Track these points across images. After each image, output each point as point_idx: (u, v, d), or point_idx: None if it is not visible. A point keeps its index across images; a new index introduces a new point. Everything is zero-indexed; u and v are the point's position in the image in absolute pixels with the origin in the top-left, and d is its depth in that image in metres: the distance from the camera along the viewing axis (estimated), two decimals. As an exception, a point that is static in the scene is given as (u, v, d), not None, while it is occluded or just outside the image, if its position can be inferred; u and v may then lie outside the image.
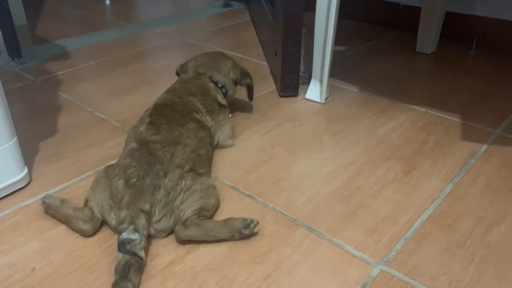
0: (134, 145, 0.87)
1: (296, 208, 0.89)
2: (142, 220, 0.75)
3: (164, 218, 0.79)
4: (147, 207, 0.77)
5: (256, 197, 0.92)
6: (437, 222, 0.85)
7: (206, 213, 0.83)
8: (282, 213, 0.87)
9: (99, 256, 0.77)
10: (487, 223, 0.85)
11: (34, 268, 0.75)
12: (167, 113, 0.96)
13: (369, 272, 0.74)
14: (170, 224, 0.80)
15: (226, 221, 0.81)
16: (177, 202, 0.81)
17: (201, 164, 0.92)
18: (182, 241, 0.80)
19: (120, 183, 0.80)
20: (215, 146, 1.07)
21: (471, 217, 0.86)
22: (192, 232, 0.79)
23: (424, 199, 0.91)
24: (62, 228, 0.83)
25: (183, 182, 0.82)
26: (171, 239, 0.81)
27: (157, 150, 0.85)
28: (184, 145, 0.89)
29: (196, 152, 0.91)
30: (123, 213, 0.76)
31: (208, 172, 0.95)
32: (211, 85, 1.11)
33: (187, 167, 0.86)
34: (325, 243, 0.80)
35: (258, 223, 0.80)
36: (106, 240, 0.81)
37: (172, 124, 0.92)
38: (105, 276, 0.73)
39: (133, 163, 0.82)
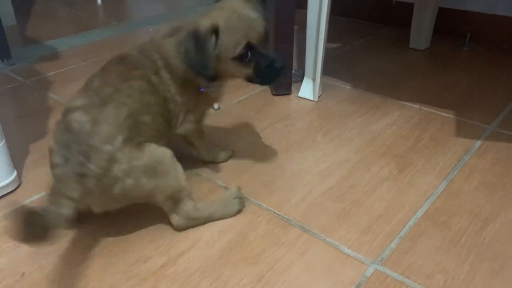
0: (59, 119, 0.74)
1: (290, 207, 0.88)
2: (67, 202, 0.65)
3: (107, 203, 0.72)
4: (75, 195, 0.65)
5: (250, 198, 0.91)
6: (431, 220, 0.84)
7: (175, 196, 0.76)
8: (275, 213, 0.86)
9: (88, 261, 0.76)
10: (482, 219, 0.84)
11: (24, 273, 0.74)
12: (111, 66, 0.80)
13: (364, 272, 0.73)
14: (122, 205, 0.74)
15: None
16: (117, 189, 0.69)
17: (142, 132, 0.74)
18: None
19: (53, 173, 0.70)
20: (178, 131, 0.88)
21: (466, 214, 0.86)
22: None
23: (418, 197, 0.90)
24: (52, 232, 0.82)
25: (116, 168, 0.68)
26: (162, 242, 0.80)
27: (73, 121, 0.69)
28: (118, 105, 0.72)
29: (135, 117, 0.73)
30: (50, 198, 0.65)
31: (155, 140, 0.77)
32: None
33: (120, 138, 0.69)
34: (319, 242, 0.79)
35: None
36: (95, 245, 0.79)
37: (108, 79, 0.75)
38: (94, 281, 0.72)
39: (55, 146, 0.70)
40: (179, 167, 0.78)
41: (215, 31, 0.76)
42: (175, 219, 0.80)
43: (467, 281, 0.71)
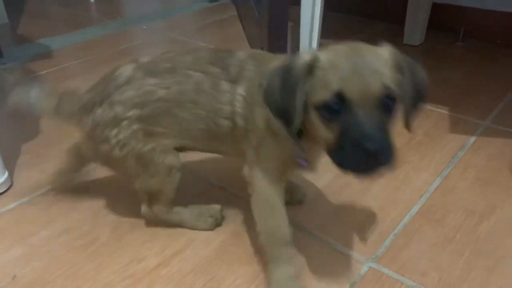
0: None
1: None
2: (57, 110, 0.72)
3: (92, 151, 0.72)
4: (69, 111, 0.71)
5: (245, 198, 0.90)
6: (426, 217, 0.84)
7: (153, 194, 0.75)
8: (270, 211, 0.86)
9: (82, 262, 0.75)
10: (477, 216, 0.84)
11: (15, 276, 0.73)
12: (204, 49, 0.74)
13: (358, 270, 0.73)
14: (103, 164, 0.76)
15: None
16: (102, 149, 0.69)
17: (167, 124, 0.68)
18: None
19: None
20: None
21: (460, 210, 0.85)
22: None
23: (413, 194, 0.90)
24: (45, 233, 0.81)
25: (113, 131, 0.66)
26: (157, 242, 0.79)
27: (122, 68, 0.70)
28: (158, 85, 0.66)
29: (166, 105, 0.66)
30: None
31: (173, 137, 0.70)
32: None
33: (135, 112, 0.66)
34: (314, 241, 0.79)
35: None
36: (89, 245, 0.79)
37: (183, 58, 0.69)
38: (89, 282, 0.71)
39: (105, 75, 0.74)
40: (171, 178, 0.73)
41: (311, 67, 0.55)
42: (145, 209, 0.79)
43: (462, 278, 0.71)
